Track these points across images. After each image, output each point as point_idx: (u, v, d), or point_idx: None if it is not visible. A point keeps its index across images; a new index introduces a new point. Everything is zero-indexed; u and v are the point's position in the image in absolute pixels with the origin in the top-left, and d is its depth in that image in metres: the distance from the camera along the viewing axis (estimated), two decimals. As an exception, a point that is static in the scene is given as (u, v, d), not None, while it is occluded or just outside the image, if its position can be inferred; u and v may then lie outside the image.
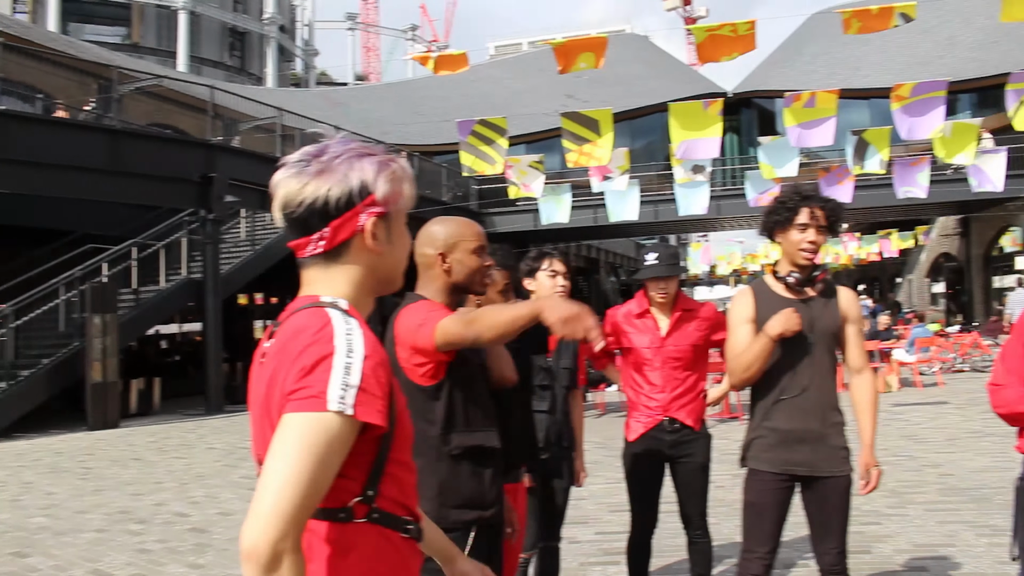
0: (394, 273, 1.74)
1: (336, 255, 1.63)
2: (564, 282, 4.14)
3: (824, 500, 3.35)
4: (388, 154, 1.70)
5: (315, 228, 1.61)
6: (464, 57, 13.19)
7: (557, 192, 18.59)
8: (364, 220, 1.62)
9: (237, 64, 53.55)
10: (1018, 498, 2.95)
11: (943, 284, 36.21)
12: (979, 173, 17.06)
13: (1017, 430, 2.95)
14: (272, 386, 1.53)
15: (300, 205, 1.60)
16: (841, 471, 3.36)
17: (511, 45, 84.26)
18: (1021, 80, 13.39)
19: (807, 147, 14.83)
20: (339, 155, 1.62)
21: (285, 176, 1.62)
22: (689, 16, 77.89)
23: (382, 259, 1.68)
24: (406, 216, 1.76)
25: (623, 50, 43.55)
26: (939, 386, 15.16)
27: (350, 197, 1.61)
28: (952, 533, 5.79)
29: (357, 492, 1.56)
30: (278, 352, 1.54)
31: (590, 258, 43.26)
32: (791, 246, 3.42)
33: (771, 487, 3.35)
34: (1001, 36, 35.14)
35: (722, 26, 12.11)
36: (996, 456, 8.29)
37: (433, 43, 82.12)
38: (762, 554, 3.37)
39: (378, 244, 1.65)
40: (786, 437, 3.33)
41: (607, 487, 7.69)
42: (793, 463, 3.34)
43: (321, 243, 1.61)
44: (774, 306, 3.39)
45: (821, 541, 3.38)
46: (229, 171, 18.42)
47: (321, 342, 1.48)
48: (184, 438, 13.37)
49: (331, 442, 1.42)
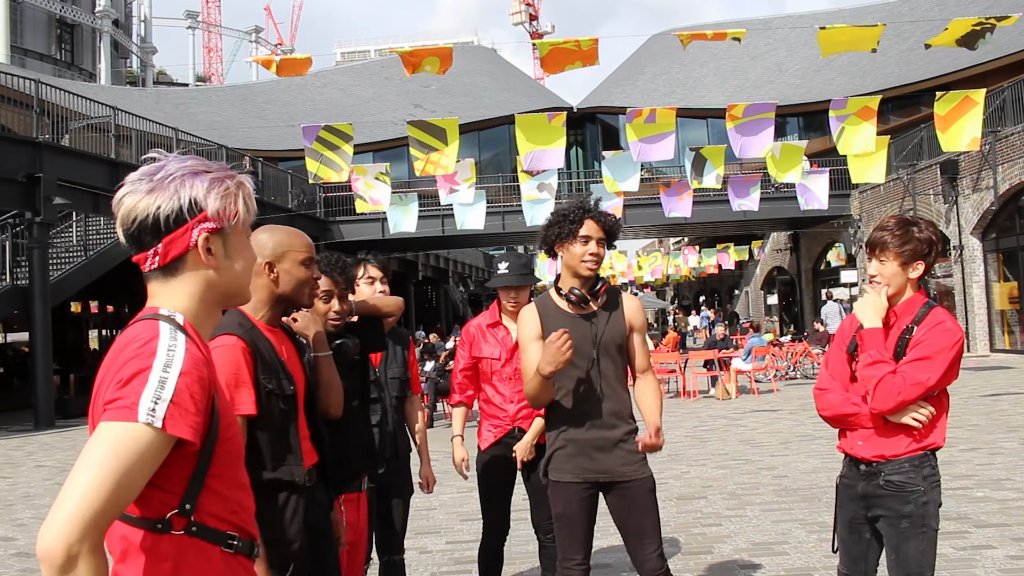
0: (236, 287, 1.76)
1: (173, 270, 1.67)
2: (383, 287, 4.04)
3: (631, 504, 3.35)
4: (225, 171, 1.72)
5: (149, 244, 1.65)
6: (308, 61, 12.95)
7: (404, 201, 18.48)
8: (196, 236, 1.66)
9: (67, 58, 50.53)
10: (838, 495, 3.16)
11: (776, 296, 38.20)
12: (806, 192, 18.14)
13: (838, 431, 3.14)
14: (97, 396, 1.55)
15: (134, 222, 1.64)
16: (642, 473, 3.36)
17: (358, 52, 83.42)
18: (841, 107, 14.32)
19: (648, 161, 15.34)
20: (172, 173, 1.66)
21: (123, 194, 1.66)
22: (535, 31, 79.39)
23: (220, 273, 1.71)
24: (248, 231, 1.79)
25: (470, 62, 43.92)
26: (774, 393, 15.92)
27: (179, 213, 1.64)
28: (786, 531, 6.04)
29: (174, 505, 1.58)
30: (106, 362, 1.57)
31: (439, 268, 43.20)
32: (574, 259, 3.39)
33: (576, 496, 3.35)
34: (823, 65, 37.53)
35: (566, 41, 12.38)
36: (824, 457, 8.75)
37: (278, 46, 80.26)
38: (579, 561, 3.37)
39: (213, 259, 1.68)
40: (583, 447, 3.33)
41: (458, 496, 7.63)
42: (593, 471, 3.34)
43: (156, 258, 1.65)
44: (559, 323, 3.34)
45: (640, 547, 3.35)
46: (58, 171, 17.29)
47: (142, 356, 1.51)
48: (9, 456, 12.41)
49: (139, 453, 1.44)
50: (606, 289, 3.45)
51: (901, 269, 2.97)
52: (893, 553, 2.94)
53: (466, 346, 4.29)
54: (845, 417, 3.02)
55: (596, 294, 3.41)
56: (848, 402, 3.01)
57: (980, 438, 9.30)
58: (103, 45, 53.06)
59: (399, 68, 12.60)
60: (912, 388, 2.82)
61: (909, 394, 2.83)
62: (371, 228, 27.64)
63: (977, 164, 20.86)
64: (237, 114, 40.37)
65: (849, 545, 3.09)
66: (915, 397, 2.84)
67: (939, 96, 13.96)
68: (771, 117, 14.53)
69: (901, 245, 2.96)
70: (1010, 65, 28.07)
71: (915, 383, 2.83)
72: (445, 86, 41.79)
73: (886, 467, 2.92)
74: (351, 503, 3.22)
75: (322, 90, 44.08)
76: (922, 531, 2.89)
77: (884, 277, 2.99)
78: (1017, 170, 19.39)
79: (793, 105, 35.25)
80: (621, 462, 3.33)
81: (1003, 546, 5.38)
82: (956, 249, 21.51)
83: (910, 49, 33.47)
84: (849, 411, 3.00)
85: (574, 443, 3.33)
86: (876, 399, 2.87)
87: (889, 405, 2.85)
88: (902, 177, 24.16)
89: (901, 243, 2.96)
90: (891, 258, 2.96)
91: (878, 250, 2.99)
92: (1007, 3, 29.66)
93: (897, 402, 2.84)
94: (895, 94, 31.92)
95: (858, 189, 26.72)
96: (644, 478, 3.35)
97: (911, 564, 2.89)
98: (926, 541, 2.89)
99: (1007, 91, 20.70)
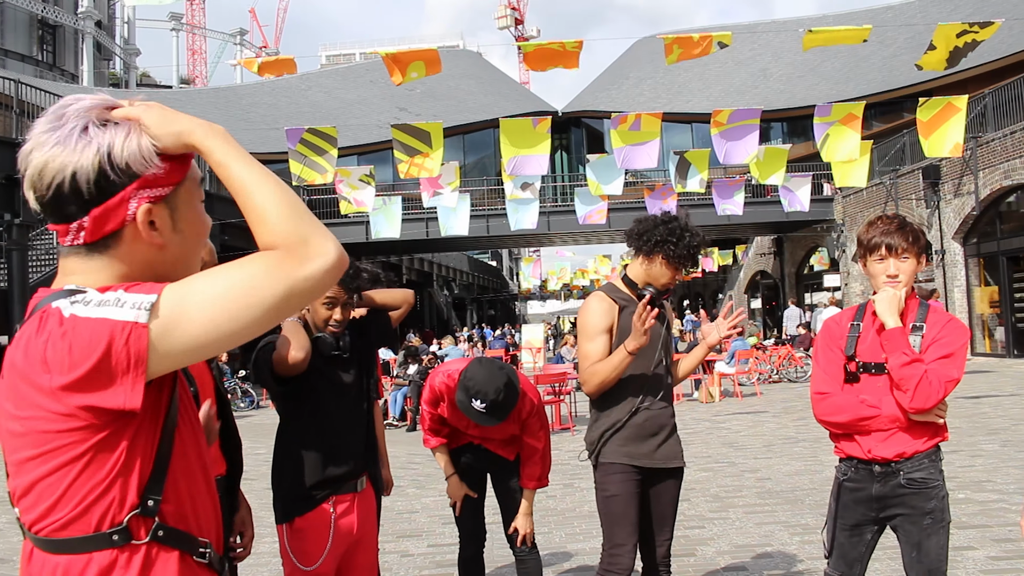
0: (185, 266, 1.39)
1: (101, 247, 1.32)
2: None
3: (664, 490, 3.59)
4: (138, 109, 1.34)
5: (72, 216, 1.30)
6: (291, 62, 12.90)
7: (388, 205, 18.44)
8: (134, 208, 1.30)
9: (48, 59, 50.17)
10: (839, 498, 3.13)
11: (760, 300, 38.29)
12: (789, 195, 18.21)
13: (830, 434, 3.13)
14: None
15: (49, 187, 1.28)
16: (682, 463, 3.64)
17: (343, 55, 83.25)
18: (825, 114, 14.38)
19: (633, 168, 15.34)
20: (75, 119, 1.29)
21: (29, 146, 1.30)
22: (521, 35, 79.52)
23: (165, 252, 1.36)
24: (199, 190, 1.42)
25: (456, 66, 43.87)
26: (757, 396, 15.95)
27: (102, 175, 1.28)
28: (769, 533, 6.05)
29: (134, 503, 1.30)
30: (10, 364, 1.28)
31: (423, 271, 43.14)
32: (663, 276, 3.60)
33: (629, 478, 3.50)
34: (807, 71, 37.75)
35: (551, 44, 12.39)
36: (807, 460, 8.77)
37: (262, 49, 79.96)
38: (631, 547, 3.46)
39: (157, 235, 1.33)
40: (639, 432, 3.52)
41: (440, 499, 7.60)
42: (645, 456, 3.53)
43: (81, 233, 1.30)
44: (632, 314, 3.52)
45: (658, 532, 3.58)
46: (37, 173, 17.14)
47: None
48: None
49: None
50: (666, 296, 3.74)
51: (917, 265, 3.02)
52: (915, 550, 2.92)
53: (433, 400, 4.05)
54: (861, 421, 2.96)
55: (663, 296, 3.67)
56: (864, 405, 2.95)
57: (961, 440, 9.34)
58: (85, 46, 52.75)
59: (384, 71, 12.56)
60: (947, 385, 2.86)
61: (946, 391, 2.86)
62: (355, 231, 27.55)
63: (959, 170, 21.01)
64: (221, 116, 40.19)
65: (847, 548, 3.06)
66: (948, 393, 2.88)
67: (922, 102, 14.05)
68: (756, 123, 14.57)
69: (915, 242, 3.00)
70: (991, 72, 28.30)
71: (948, 379, 2.86)
72: (430, 89, 41.73)
73: (905, 465, 2.92)
74: (345, 503, 3.17)
75: (306, 93, 43.95)
76: (942, 525, 2.92)
77: (906, 275, 2.99)
78: (998, 176, 19.54)
79: (777, 110, 35.41)
80: (669, 450, 3.60)
81: (984, 547, 5.40)
82: (938, 254, 21.64)
83: (893, 55, 33.69)
84: (867, 414, 2.95)
85: (634, 428, 3.52)
86: (917, 398, 2.85)
87: (932, 403, 2.85)
88: (884, 182, 24.31)
89: (913, 240, 2.99)
90: (911, 255, 2.99)
91: (898, 250, 2.99)
92: (989, 11, 29.92)
93: (937, 399, 2.85)
94: (878, 100, 32.11)
95: (841, 194, 26.87)
96: (681, 468, 3.64)
97: (932, 559, 2.90)
98: (944, 535, 2.93)
99: (988, 97, 20.87)
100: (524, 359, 23.03)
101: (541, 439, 4.03)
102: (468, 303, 59.32)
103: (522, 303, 71.02)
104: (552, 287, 56.03)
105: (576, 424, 12.50)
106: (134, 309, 1.21)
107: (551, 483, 6.40)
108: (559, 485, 8.13)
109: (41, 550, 1.29)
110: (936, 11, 35.26)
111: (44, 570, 1.28)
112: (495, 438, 4.07)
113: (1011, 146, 19.03)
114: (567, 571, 5.41)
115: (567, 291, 58.94)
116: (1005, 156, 19.26)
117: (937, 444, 2.97)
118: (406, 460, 10.40)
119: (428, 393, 4.06)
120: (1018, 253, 20.13)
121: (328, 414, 3.18)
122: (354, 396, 3.30)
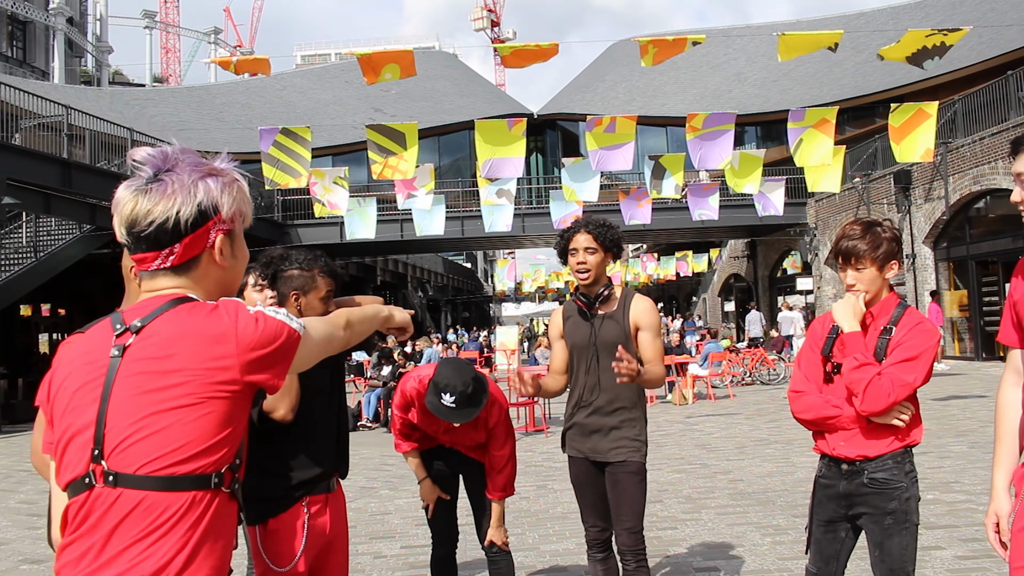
0: (234, 285, 1.87)
1: (184, 268, 1.74)
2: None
3: (615, 483, 3.76)
4: (232, 172, 1.80)
5: (165, 244, 1.70)
6: (266, 62, 12.83)
7: (363, 206, 18.37)
8: (213, 237, 1.74)
9: (18, 56, 49.53)
10: (815, 495, 3.19)
11: (733, 303, 38.53)
12: (763, 199, 18.33)
13: (812, 432, 3.17)
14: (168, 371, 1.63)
15: (151, 225, 1.68)
16: (629, 458, 3.74)
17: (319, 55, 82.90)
18: (798, 119, 14.49)
19: (607, 170, 15.38)
20: (187, 172, 1.70)
21: (131, 193, 1.69)
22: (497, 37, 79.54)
23: (225, 272, 1.81)
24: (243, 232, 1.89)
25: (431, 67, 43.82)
26: (730, 398, 16.05)
27: (200, 215, 1.70)
28: (740, 534, 6.09)
29: (230, 459, 1.69)
30: (175, 338, 1.65)
31: (398, 273, 43.02)
32: (572, 270, 3.91)
33: (582, 469, 3.86)
34: (781, 76, 38.05)
35: (527, 46, 12.42)
36: (779, 462, 8.84)
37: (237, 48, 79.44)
38: (593, 522, 3.86)
39: (224, 259, 1.78)
40: (584, 429, 3.84)
41: (413, 501, 7.57)
42: (591, 451, 3.82)
43: (171, 258, 1.71)
44: (572, 322, 3.93)
45: (616, 521, 3.78)
46: (8, 171, 16.91)
47: (236, 310, 1.71)
48: (-54, 462, 12.08)
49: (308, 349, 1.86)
50: (609, 293, 3.85)
51: (878, 273, 3.02)
52: (877, 549, 2.98)
53: (404, 404, 4.09)
54: (826, 420, 3.04)
55: (599, 297, 3.83)
56: (828, 404, 3.03)
57: (930, 442, 9.45)
58: (57, 43, 52.10)
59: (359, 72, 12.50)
60: (901, 389, 2.87)
61: (899, 395, 2.87)
62: (330, 232, 27.44)
63: (929, 175, 21.27)
64: (194, 115, 39.90)
65: (823, 544, 3.13)
66: (903, 397, 2.89)
67: (893, 108, 14.19)
68: (731, 128, 14.66)
69: (875, 249, 2.99)
70: (961, 79, 28.68)
71: (903, 384, 2.87)
72: (405, 90, 41.64)
73: (869, 465, 2.97)
74: (318, 504, 3.17)
75: (281, 93, 43.73)
76: (905, 527, 2.95)
77: (863, 284, 3.02)
78: (967, 181, 19.80)
79: (751, 115, 35.68)
80: (613, 446, 3.77)
81: (951, 547, 5.47)
82: (908, 258, 21.88)
83: (866, 61, 34.03)
84: (830, 414, 3.02)
85: (578, 426, 3.86)
86: (866, 401, 2.89)
87: (881, 406, 2.88)
88: (857, 186, 24.55)
89: (874, 248, 2.99)
90: (867, 264, 3.00)
91: (853, 259, 3.01)
92: (959, 19, 30.34)
93: (888, 403, 2.87)
94: (851, 105, 32.43)
95: (814, 198, 27.10)
96: (630, 463, 3.75)
97: (895, 559, 2.94)
98: (909, 536, 2.95)
99: (958, 104, 21.13)
100: (498, 361, 23.01)
101: (507, 449, 4.09)
102: (443, 304, 59.20)
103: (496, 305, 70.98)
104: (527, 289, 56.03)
105: (550, 426, 12.52)
106: (298, 324, 1.77)
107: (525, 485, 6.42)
108: (532, 486, 8.14)
109: (140, 489, 1.58)
110: (908, 18, 35.70)
111: (141, 507, 1.57)
112: (464, 443, 4.12)
113: (980, 152, 19.29)
114: (540, 571, 5.42)
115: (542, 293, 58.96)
116: (974, 162, 19.52)
117: (907, 447, 2.99)
118: (379, 462, 10.37)
119: (399, 398, 4.08)
120: (987, 257, 20.41)
121: (302, 415, 3.17)
122: (327, 396, 3.30)
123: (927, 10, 35.86)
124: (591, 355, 3.81)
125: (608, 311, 3.84)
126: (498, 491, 4.08)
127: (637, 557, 3.73)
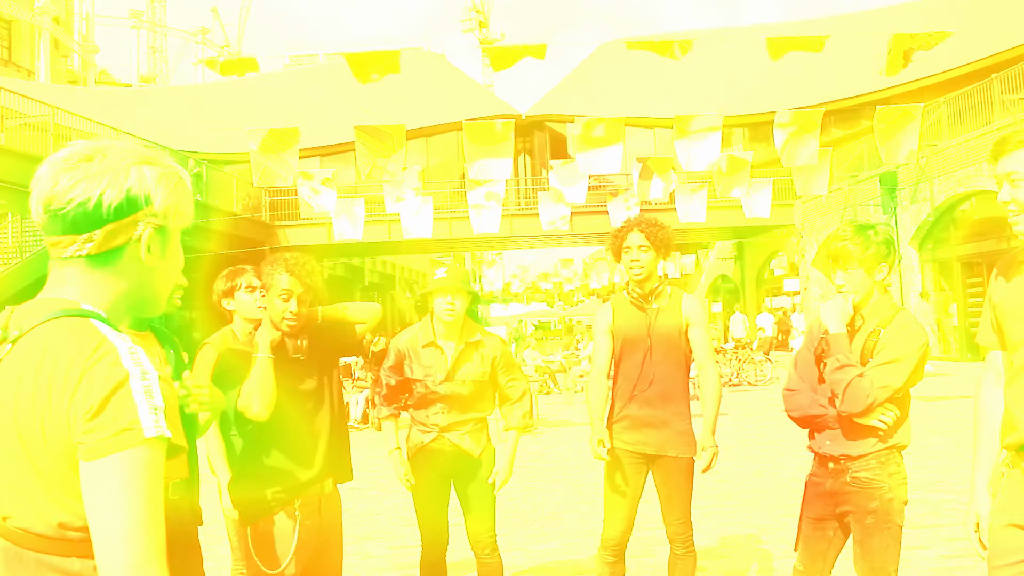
0: (160, 292, 1.60)
1: (102, 261, 1.49)
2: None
3: (668, 476, 3.95)
4: (174, 165, 1.58)
5: (84, 229, 1.46)
6: (254, 62, 12.83)
7: (351, 207, 18.36)
8: (141, 230, 1.50)
9: (3, 55, 49.24)
10: (806, 492, 3.24)
11: (721, 304, 38.64)
12: (750, 200, 18.41)
13: (807, 431, 3.22)
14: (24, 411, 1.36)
15: (70, 203, 1.45)
16: (682, 453, 3.93)
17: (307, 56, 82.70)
18: (785, 120, 14.56)
19: (595, 173, 15.41)
20: (118, 156, 1.50)
21: (56, 170, 1.47)
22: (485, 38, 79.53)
23: (152, 275, 1.55)
24: (180, 234, 1.62)
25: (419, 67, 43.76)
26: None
27: (127, 203, 1.47)
28: (728, 534, 6.14)
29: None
30: (32, 372, 1.38)
31: (386, 274, 42.98)
32: (625, 266, 4.01)
33: (629, 461, 3.94)
34: (768, 78, 38.17)
35: (515, 47, 12.44)
36: (766, 462, 8.90)
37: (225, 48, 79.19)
38: (618, 525, 3.98)
39: (151, 258, 1.52)
40: (636, 422, 3.93)
41: (402, 501, 7.58)
42: (643, 443, 3.92)
43: (88, 244, 1.47)
44: (625, 314, 4.01)
45: (668, 512, 3.99)
46: (-8, 171, 16.87)
47: (106, 364, 1.34)
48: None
49: (157, 470, 1.34)
50: (661, 288, 4.01)
51: (867, 275, 3.04)
52: (859, 547, 3.03)
53: (395, 363, 4.11)
54: (812, 419, 3.11)
55: (652, 292, 3.96)
56: (815, 404, 3.10)
57: (915, 442, 9.47)
58: (42, 42, 51.83)
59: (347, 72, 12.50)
60: (880, 391, 2.91)
61: (878, 397, 2.91)
62: (317, 233, 27.37)
63: (915, 176, 21.41)
64: (182, 115, 39.73)
65: (812, 541, 3.18)
66: (883, 399, 2.93)
67: (879, 110, 14.28)
68: (718, 130, 14.70)
69: (864, 252, 3.02)
70: (946, 81, 28.83)
71: (883, 386, 2.91)
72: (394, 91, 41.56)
73: (853, 464, 3.02)
74: (310, 507, 3.19)
75: (270, 93, 43.58)
76: (887, 527, 2.99)
77: (852, 286, 3.05)
78: (952, 183, 19.94)
79: (739, 116, 35.78)
80: (666, 440, 3.91)
81: (935, 546, 5.52)
82: (895, 260, 22.02)
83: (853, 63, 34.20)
84: (816, 413, 3.09)
85: (629, 419, 3.95)
86: (846, 402, 2.93)
87: (859, 408, 2.92)
88: (843, 188, 24.68)
89: (863, 250, 3.02)
90: (856, 266, 3.03)
91: (843, 260, 3.04)
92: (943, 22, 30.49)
93: (867, 405, 2.91)
94: (837, 107, 32.57)
95: (801, 200, 27.23)
96: (683, 457, 3.95)
97: (875, 558, 2.99)
98: (890, 537, 2.99)
99: (943, 106, 21.29)
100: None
101: (519, 379, 4.21)
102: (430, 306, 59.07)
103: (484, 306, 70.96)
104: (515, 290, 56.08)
105: (540, 428, 12.55)
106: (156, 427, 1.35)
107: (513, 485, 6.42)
108: (520, 487, 8.17)
109: None
110: (894, 22, 35.90)
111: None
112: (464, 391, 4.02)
113: (965, 154, 19.43)
114: (529, 572, 5.44)
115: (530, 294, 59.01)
116: (959, 164, 19.67)
117: (892, 448, 3.02)
118: (368, 462, 10.37)
119: (393, 358, 4.11)
120: (972, 259, 20.56)
121: (288, 419, 3.18)
122: (315, 401, 3.30)
123: (913, 12, 36.06)
124: (646, 346, 3.92)
125: (661, 305, 3.99)
126: (515, 419, 4.16)
127: (686, 544, 4.02)
